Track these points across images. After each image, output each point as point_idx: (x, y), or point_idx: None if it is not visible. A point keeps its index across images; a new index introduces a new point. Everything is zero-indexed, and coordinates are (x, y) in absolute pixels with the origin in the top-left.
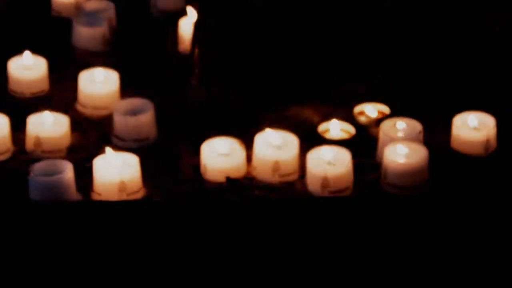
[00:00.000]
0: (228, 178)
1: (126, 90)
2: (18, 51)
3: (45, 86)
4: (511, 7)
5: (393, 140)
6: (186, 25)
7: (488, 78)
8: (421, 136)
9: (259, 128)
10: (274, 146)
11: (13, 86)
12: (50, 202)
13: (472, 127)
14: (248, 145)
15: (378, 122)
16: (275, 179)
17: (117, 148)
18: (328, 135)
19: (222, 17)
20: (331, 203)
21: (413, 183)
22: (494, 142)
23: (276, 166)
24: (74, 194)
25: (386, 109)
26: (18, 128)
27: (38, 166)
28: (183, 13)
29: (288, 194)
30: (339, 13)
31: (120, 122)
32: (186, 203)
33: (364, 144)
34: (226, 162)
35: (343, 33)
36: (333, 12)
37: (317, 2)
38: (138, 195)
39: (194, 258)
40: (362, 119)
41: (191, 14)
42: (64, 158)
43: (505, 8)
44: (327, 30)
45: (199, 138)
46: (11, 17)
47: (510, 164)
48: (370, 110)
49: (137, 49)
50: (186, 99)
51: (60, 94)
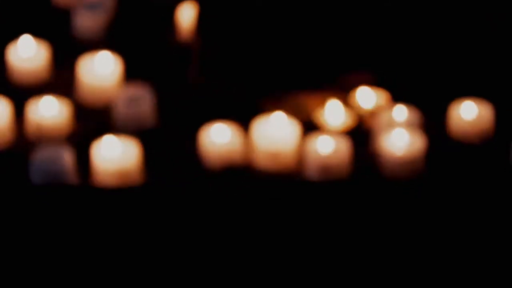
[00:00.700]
0: (226, 165)
1: (127, 77)
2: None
3: (45, 72)
4: None
5: (391, 128)
6: (186, 12)
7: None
8: (419, 124)
9: (258, 114)
10: (273, 133)
11: (13, 72)
12: (50, 186)
13: (469, 116)
14: (247, 131)
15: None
16: (274, 166)
17: (117, 134)
18: (326, 122)
19: (222, 4)
20: (329, 190)
21: (411, 171)
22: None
23: (275, 153)
24: (74, 179)
25: (384, 95)
26: (19, 113)
27: (38, 151)
28: (183, 0)
29: (286, 181)
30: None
31: (120, 108)
32: (185, 190)
33: (361, 131)
34: (225, 149)
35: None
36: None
37: None
38: (138, 181)
39: (194, 244)
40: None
41: (191, 2)
42: (64, 143)
43: None
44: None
45: (198, 124)
46: (12, 5)
47: (507, 152)
48: (368, 97)
49: (137, 36)
50: (186, 86)
51: (60, 80)
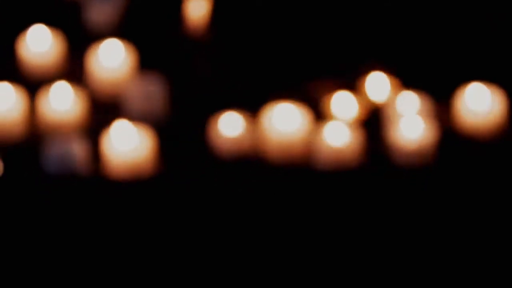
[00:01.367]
0: (237, 156)
1: (139, 66)
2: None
3: (58, 62)
4: None
5: (403, 116)
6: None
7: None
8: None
9: (269, 104)
10: (284, 123)
11: (26, 63)
12: (63, 177)
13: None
14: (258, 122)
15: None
16: (285, 156)
17: (129, 124)
18: (337, 112)
19: None
20: (340, 180)
21: (421, 160)
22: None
23: (285, 143)
24: (86, 170)
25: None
26: (32, 104)
27: (51, 142)
28: None
29: (297, 171)
30: None
31: (133, 98)
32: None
33: (372, 121)
34: (236, 139)
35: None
36: None
37: None
38: (150, 172)
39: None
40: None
41: None
42: (77, 134)
43: None
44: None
45: (209, 115)
46: None
47: None
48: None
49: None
50: (197, 77)
51: (73, 71)
